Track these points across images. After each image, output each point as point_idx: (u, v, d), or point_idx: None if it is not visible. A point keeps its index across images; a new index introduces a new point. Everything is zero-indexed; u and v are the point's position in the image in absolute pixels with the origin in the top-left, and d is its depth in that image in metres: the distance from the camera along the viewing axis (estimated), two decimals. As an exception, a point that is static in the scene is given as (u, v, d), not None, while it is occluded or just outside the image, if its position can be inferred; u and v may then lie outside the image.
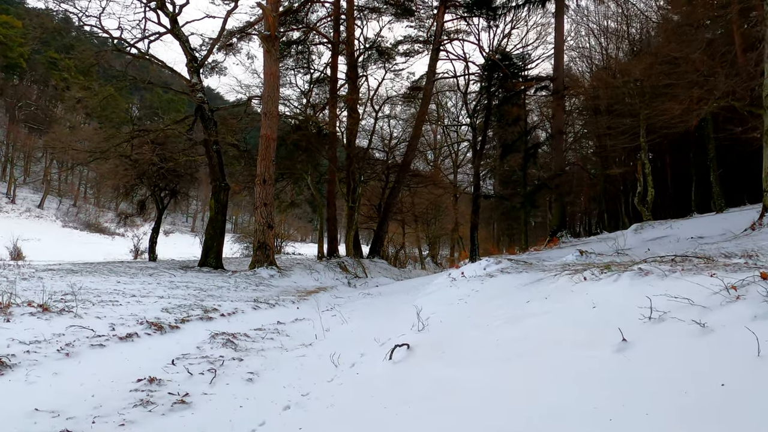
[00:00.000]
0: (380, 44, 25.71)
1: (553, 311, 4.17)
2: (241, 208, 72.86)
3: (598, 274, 4.85)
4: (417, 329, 5.47)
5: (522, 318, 4.40)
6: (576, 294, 4.38)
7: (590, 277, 4.71)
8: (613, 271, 4.50)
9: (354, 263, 18.21)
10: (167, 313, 8.04)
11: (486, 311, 5.42)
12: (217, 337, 6.29)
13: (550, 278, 6.37)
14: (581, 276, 4.97)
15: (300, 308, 9.68)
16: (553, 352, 3.31)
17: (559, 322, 3.83)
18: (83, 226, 63.13)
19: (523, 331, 4.00)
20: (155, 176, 20.00)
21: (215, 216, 18.19)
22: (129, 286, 11.57)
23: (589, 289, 4.32)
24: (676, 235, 15.60)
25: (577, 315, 3.82)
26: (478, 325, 4.81)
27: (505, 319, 4.60)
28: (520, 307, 4.97)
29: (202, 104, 17.51)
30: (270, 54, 16.19)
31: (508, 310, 5.02)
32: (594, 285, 4.39)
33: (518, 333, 4.00)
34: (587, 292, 4.24)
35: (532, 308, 4.61)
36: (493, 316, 5.01)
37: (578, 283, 4.75)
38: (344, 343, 5.84)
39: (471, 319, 5.33)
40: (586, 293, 4.25)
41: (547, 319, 4.03)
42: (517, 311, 4.78)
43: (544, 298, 4.74)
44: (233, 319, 8.23)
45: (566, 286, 4.90)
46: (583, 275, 4.95)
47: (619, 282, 4.11)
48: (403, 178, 25.17)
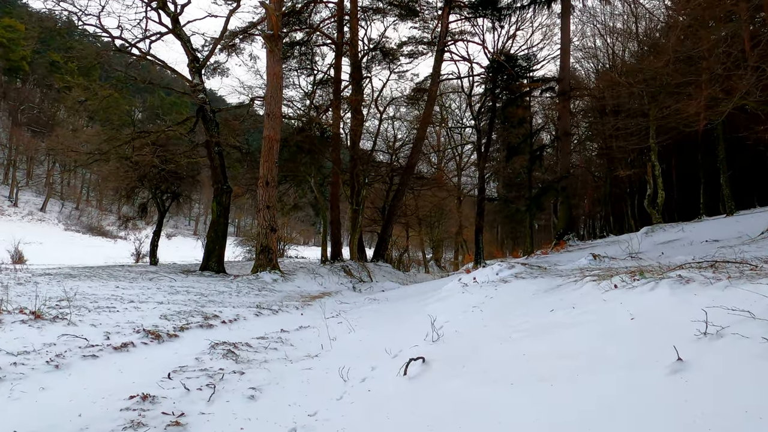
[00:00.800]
0: (384, 45, 25.40)
1: (584, 323, 3.80)
2: (244, 211, 72.59)
3: (628, 280, 4.48)
4: (431, 340, 5.10)
5: (549, 329, 4.03)
6: (609, 303, 4.00)
7: (621, 285, 4.34)
8: (648, 278, 4.13)
9: (358, 267, 17.84)
10: (166, 321, 7.69)
11: (505, 321, 5.04)
12: (218, 347, 5.92)
13: (571, 284, 6.00)
14: (610, 283, 4.59)
15: (304, 315, 9.31)
16: (593, 372, 2.93)
17: (594, 336, 3.46)
18: (85, 230, 62.95)
19: (552, 345, 3.62)
20: (156, 179, 19.67)
21: (217, 219, 17.84)
22: (128, 291, 11.22)
23: (623, 298, 3.94)
24: (688, 238, 15.22)
25: (614, 328, 3.44)
26: (499, 336, 4.43)
27: (529, 331, 4.22)
28: (543, 316, 4.60)
29: (203, 105, 17.17)
30: (273, 54, 15.86)
31: (531, 319, 4.65)
32: (628, 294, 4.01)
33: (547, 347, 3.63)
34: (621, 302, 3.87)
35: (559, 318, 4.23)
36: (515, 326, 4.63)
37: (608, 290, 4.38)
38: (352, 354, 5.47)
39: (489, 329, 4.96)
40: (620, 303, 3.87)
41: (579, 332, 3.65)
42: (541, 321, 4.41)
43: (571, 307, 4.36)
44: (235, 326, 7.87)
45: (594, 294, 4.52)
46: (612, 282, 4.58)
47: (658, 291, 3.73)
48: (408, 181, 24.79)
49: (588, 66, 33.35)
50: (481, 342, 4.49)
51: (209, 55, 18.35)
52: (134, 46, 17.05)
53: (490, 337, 4.54)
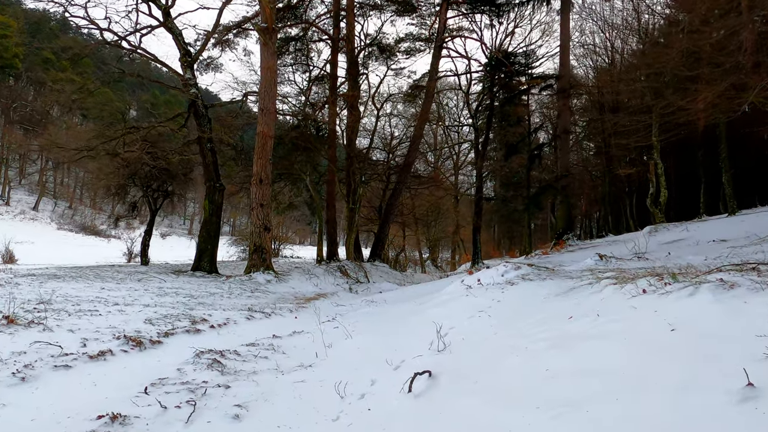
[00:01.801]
0: (381, 41, 24.92)
1: (614, 333, 3.34)
2: (239, 210, 71.93)
3: (657, 284, 4.02)
4: (436, 349, 4.65)
5: (572, 340, 3.57)
6: (640, 311, 3.55)
7: (650, 289, 3.89)
8: (682, 282, 3.68)
9: (355, 267, 17.35)
10: (150, 325, 7.20)
11: (518, 328, 4.58)
12: (203, 355, 5.44)
13: (585, 287, 5.55)
14: (635, 287, 4.14)
15: (298, 318, 8.84)
16: (635, 394, 2.47)
17: (630, 350, 3.00)
18: (78, 229, 62.32)
19: (579, 359, 3.17)
20: (147, 176, 19.13)
21: (209, 218, 17.33)
22: (113, 293, 10.71)
23: (657, 306, 3.49)
24: (694, 238, 14.81)
25: (653, 341, 2.99)
26: (513, 347, 3.97)
27: (549, 341, 3.77)
28: (562, 324, 4.14)
29: (195, 100, 16.65)
30: (267, 47, 15.37)
31: (548, 328, 4.19)
32: (662, 300, 3.56)
33: (573, 362, 3.17)
34: (655, 309, 3.41)
35: (582, 327, 3.77)
36: (530, 335, 4.18)
37: (636, 296, 3.92)
38: (350, 364, 5.00)
39: (501, 338, 4.50)
40: (654, 310, 3.41)
41: (611, 344, 3.20)
42: (562, 330, 3.95)
43: (595, 314, 3.91)
44: (224, 331, 7.40)
45: (618, 300, 4.07)
46: (637, 286, 4.12)
47: (699, 297, 3.28)
48: (405, 179, 24.32)
49: (587, 63, 32.92)
50: (493, 353, 4.03)
51: (201, 48, 17.83)
52: (124, 39, 16.53)
53: (503, 348, 4.08)
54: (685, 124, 21.59)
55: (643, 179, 30.97)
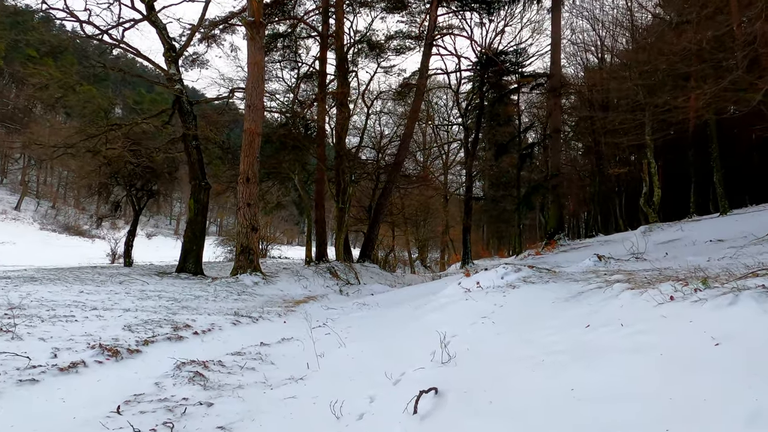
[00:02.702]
0: (371, 37, 24.51)
1: (647, 347, 2.97)
2: (226, 210, 71.11)
3: (684, 289, 3.66)
4: (439, 360, 4.26)
5: (595, 353, 3.20)
6: (672, 322, 3.18)
7: (679, 296, 3.53)
8: (716, 289, 3.32)
9: (345, 268, 16.91)
10: (129, 332, 6.74)
11: (528, 337, 4.21)
12: (184, 367, 5.01)
13: (596, 292, 5.20)
14: (659, 292, 3.78)
15: (287, 323, 8.42)
16: (692, 425, 2.10)
17: (669, 367, 2.63)
18: (62, 229, 61.21)
19: (609, 376, 2.79)
20: (131, 175, 18.55)
21: (194, 217, 16.81)
22: (92, 296, 10.21)
23: (692, 315, 3.12)
24: (689, 238, 14.61)
25: (696, 357, 2.63)
26: (526, 359, 3.60)
27: (567, 354, 3.39)
28: (579, 333, 3.77)
29: (180, 96, 16.12)
30: (254, 42, 14.90)
31: (564, 338, 3.82)
32: (695, 309, 3.20)
33: (602, 380, 2.80)
34: (691, 320, 3.05)
35: (604, 338, 3.41)
36: (544, 345, 3.80)
37: (662, 303, 3.56)
38: (345, 376, 4.60)
39: (510, 348, 4.12)
40: (689, 321, 3.05)
41: (644, 360, 2.82)
42: (580, 341, 3.58)
43: (618, 323, 3.54)
44: (208, 338, 6.96)
45: (641, 307, 3.71)
46: (660, 291, 3.76)
47: (741, 306, 2.92)
48: (396, 178, 23.93)
49: (577, 61, 32.74)
50: (504, 366, 3.65)
51: (186, 43, 17.28)
52: (106, 33, 15.94)
53: (515, 360, 3.70)
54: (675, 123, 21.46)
55: (631, 179, 30.93)
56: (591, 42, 31.04)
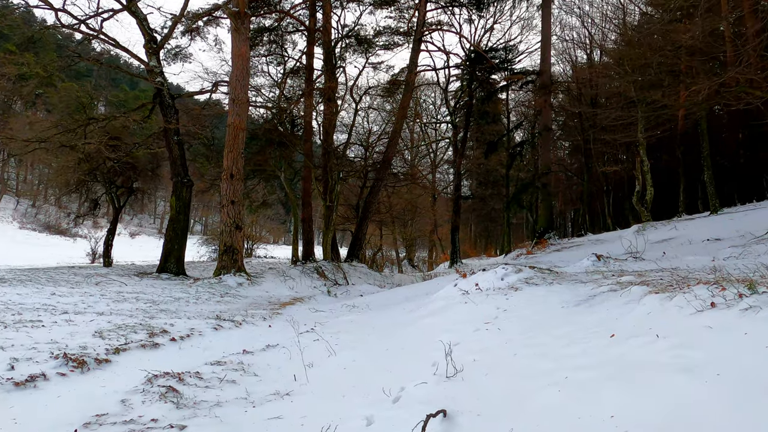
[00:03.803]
0: (359, 32, 23.98)
1: (695, 363, 2.53)
2: (211, 208, 70.11)
3: (720, 293, 3.23)
4: (444, 374, 3.79)
5: (631, 370, 2.75)
6: (722, 333, 2.74)
7: (720, 302, 3.10)
8: (764, 294, 2.89)
9: (333, 268, 16.39)
10: (99, 339, 6.19)
11: (543, 348, 3.75)
12: (156, 380, 4.49)
13: (611, 296, 4.76)
14: (693, 298, 3.34)
15: (273, 327, 7.90)
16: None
17: (738, 393, 2.19)
18: (42, 228, 59.98)
19: (657, 401, 2.34)
20: (110, 172, 17.86)
21: (176, 216, 16.18)
22: (65, 299, 9.61)
23: (744, 326, 2.69)
24: (684, 237, 14.34)
25: (764, 378, 2.18)
26: (546, 374, 3.14)
27: (595, 369, 2.94)
28: (602, 344, 3.33)
29: (161, 89, 15.48)
30: (239, 33, 14.32)
31: (584, 348, 3.37)
32: (748, 318, 2.76)
33: (647, 405, 2.34)
34: (746, 332, 2.61)
35: (638, 352, 2.96)
36: (563, 358, 3.35)
37: (701, 311, 3.13)
38: (337, 391, 4.11)
39: (524, 359, 3.66)
40: (743, 333, 2.62)
41: (698, 381, 2.37)
42: (605, 353, 3.13)
43: (653, 334, 3.09)
44: (186, 344, 6.43)
45: (675, 316, 3.27)
46: (698, 297, 3.32)
47: (807, 316, 2.50)
48: (384, 176, 23.44)
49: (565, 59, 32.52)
50: (521, 383, 3.19)
51: (168, 34, 16.63)
52: (83, 23, 15.25)
53: (532, 376, 3.24)
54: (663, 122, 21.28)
55: (619, 178, 30.79)
56: (580, 39, 30.87)
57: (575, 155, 38.21)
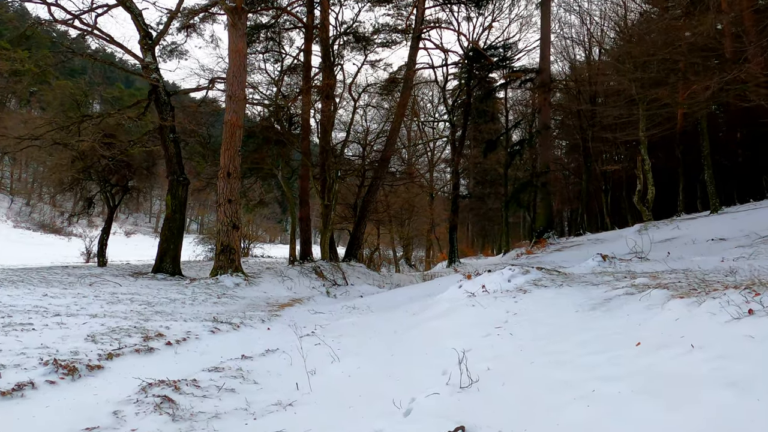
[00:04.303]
0: (357, 29, 23.73)
1: (741, 377, 2.31)
2: (207, 207, 69.72)
3: (754, 299, 3.01)
4: (457, 384, 3.56)
5: (665, 384, 2.54)
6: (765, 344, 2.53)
7: (759, 309, 2.88)
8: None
9: (331, 268, 16.15)
10: (92, 343, 5.93)
11: (562, 356, 3.53)
12: (151, 389, 4.24)
13: (629, 299, 4.55)
14: (727, 303, 3.12)
15: (272, 330, 7.66)
16: None
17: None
18: (37, 227, 59.53)
19: (709, 422, 2.12)
20: (105, 170, 17.56)
21: (172, 215, 15.91)
22: (57, 300, 9.35)
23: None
24: (688, 236, 14.17)
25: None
26: (570, 386, 2.92)
27: (624, 380, 2.72)
28: (630, 355, 3.11)
29: (156, 86, 15.21)
30: (236, 28, 14.06)
31: (608, 357, 3.15)
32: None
33: (697, 425, 2.12)
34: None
35: (670, 364, 2.74)
36: (586, 367, 3.13)
37: (738, 319, 2.91)
38: (342, 401, 3.88)
39: (542, 368, 3.44)
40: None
41: (749, 398, 2.16)
42: (633, 363, 2.92)
43: (687, 344, 2.87)
44: (183, 349, 6.18)
45: (709, 323, 3.05)
46: (731, 302, 3.11)
47: None
48: (383, 174, 23.22)
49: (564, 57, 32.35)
50: (543, 395, 2.97)
51: (164, 30, 16.34)
52: (77, 18, 14.94)
53: (554, 388, 3.02)
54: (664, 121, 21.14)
55: (618, 177, 30.65)
56: (578, 37, 30.70)
57: (572, 154, 38.12)
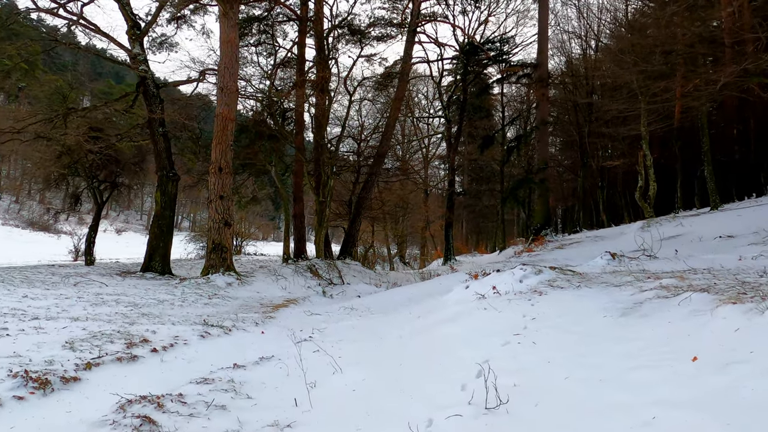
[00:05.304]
0: (352, 22, 23.20)
1: None
2: (199, 205, 68.93)
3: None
4: (482, 403, 3.09)
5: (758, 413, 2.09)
6: None
7: None
8: None
9: (327, 266, 15.65)
10: (70, 351, 5.42)
11: (602, 372, 3.08)
12: (130, 407, 3.75)
13: (666, 303, 4.11)
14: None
15: (266, 333, 7.18)
16: None
17: None
18: (26, 225, 58.74)
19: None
20: (92, 165, 16.96)
21: (162, 211, 15.36)
22: (37, 302, 8.81)
23: None
24: (693, 234, 13.79)
25: None
26: (622, 409, 2.47)
27: (697, 408, 2.28)
28: (690, 371, 2.66)
29: (144, 77, 14.64)
30: (228, 18, 13.51)
31: (664, 376, 2.71)
32: None
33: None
34: None
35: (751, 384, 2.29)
36: (636, 386, 2.68)
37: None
38: (348, 422, 3.40)
39: (581, 385, 2.98)
40: None
41: None
42: (706, 384, 2.47)
43: (764, 362, 2.43)
44: (170, 356, 5.69)
45: None
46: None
47: None
48: (378, 171, 22.75)
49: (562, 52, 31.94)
50: (588, 420, 2.51)
51: (152, 20, 15.75)
52: (62, 7, 14.36)
53: (600, 410, 2.56)
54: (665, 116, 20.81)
55: (614, 173, 30.33)
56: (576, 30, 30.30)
57: (567, 151, 37.82)
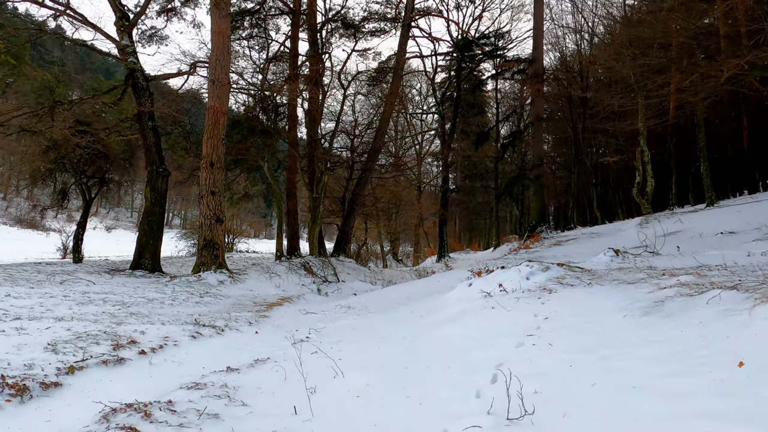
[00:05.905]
0: (346, 16, 22.85)
1: None
2: (190, 202, 68.34)
3: None
4: (504, 413, 2.81)
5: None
6: None
7: None
8: None
9: (321, 264, 15.34)
10: (52, 354, 5.08)
11: (635, 378, 2.81)
12: (114, 417, 3.44)
13: (690, 302, 3.84)
14: None
15: (260, 333, 6.87)
16: None
17: None
18: (14, 222, 58.13)
19: None
20: (80, 161, 16.55)
21: (151, 208, 14.98)
22: (21, 301, 8.42)
23: None
24: (693, 230, 13.63)
25: None
26: (660, 420, 2.19)
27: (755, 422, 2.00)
28: (739, 378, 2.40)
29: (133, 70, 14.25)
30: (219, 8, 13.14)
31: (707, 383, 2.44)
32: None
33: None
34: None
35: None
36: (677, 395, 2.42)
37: None
38: (353, 433, 3.12)
39: (612, 392, 2.72)
40: None
41: None
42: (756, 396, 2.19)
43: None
44: (158, 358, 5.36)
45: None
46: None
47: None
48: (373, 166, 22.45)
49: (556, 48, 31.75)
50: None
51: (141, 11, 15.33)
52: (49, -3, 13.93)
53: (636, 423, 2.29)
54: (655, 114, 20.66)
55: (608, 170, 30.23)
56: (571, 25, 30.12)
57: (560, 148, 37.71)
